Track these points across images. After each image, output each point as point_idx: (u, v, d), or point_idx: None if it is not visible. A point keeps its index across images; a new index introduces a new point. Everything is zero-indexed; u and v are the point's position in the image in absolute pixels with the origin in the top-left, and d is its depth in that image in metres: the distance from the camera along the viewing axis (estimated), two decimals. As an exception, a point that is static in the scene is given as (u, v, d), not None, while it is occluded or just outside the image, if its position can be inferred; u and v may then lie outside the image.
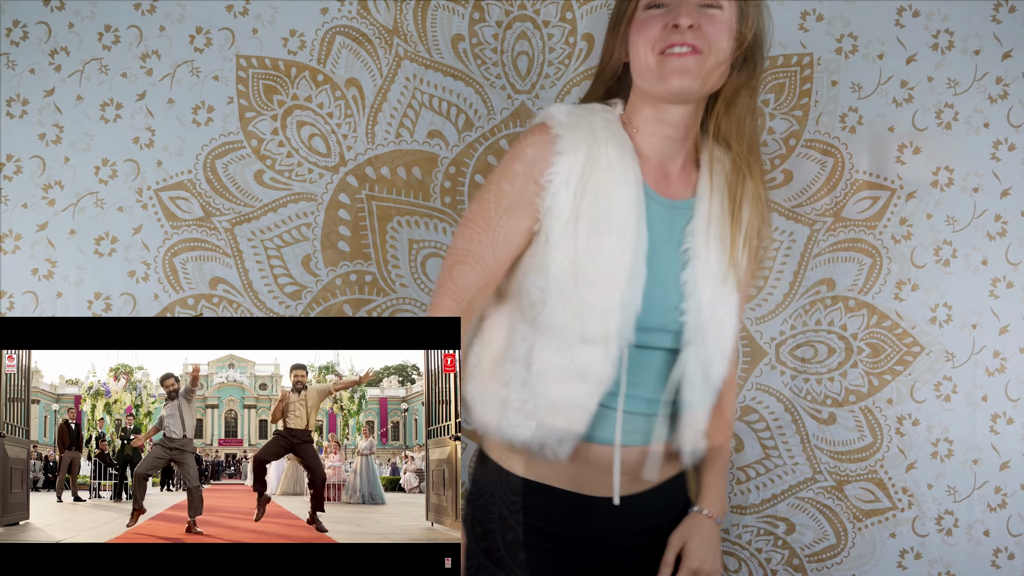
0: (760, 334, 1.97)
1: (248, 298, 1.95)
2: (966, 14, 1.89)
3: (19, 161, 1.91)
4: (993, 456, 1.98)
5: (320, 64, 1.91)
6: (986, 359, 1.97)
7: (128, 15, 1.89)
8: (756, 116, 1.29)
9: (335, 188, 1.94)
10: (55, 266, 1.93)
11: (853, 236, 1.94)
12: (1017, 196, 1.94)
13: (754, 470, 2.00)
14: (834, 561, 2.01)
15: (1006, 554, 2.00)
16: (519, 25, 1.91)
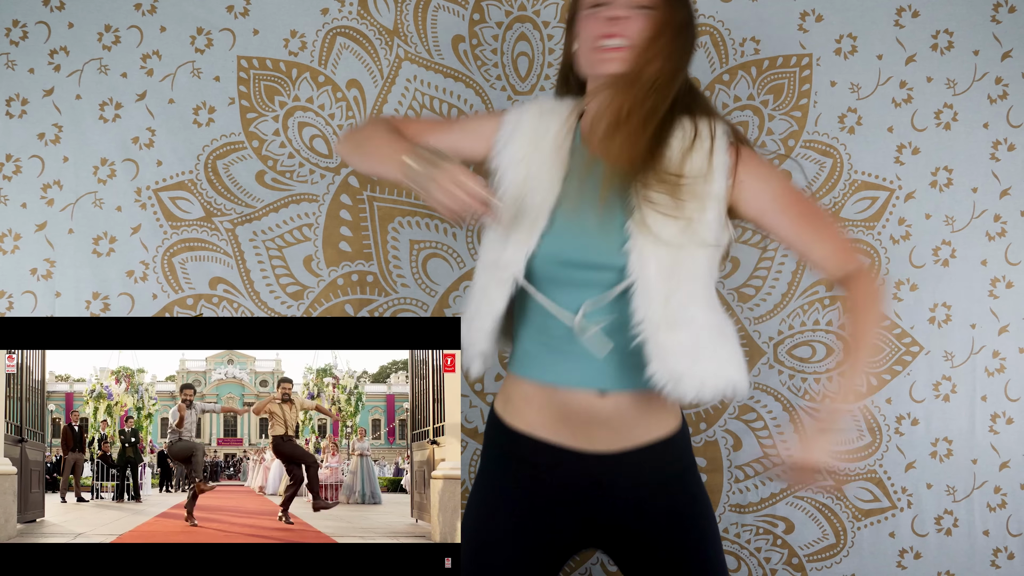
0: (758, 334, 1.98)
1: (249, 298, 1.95)
2: (966, 14, 1.90)
3: (18, 161, 1.91)
4: (993, 456, 1.99)
5: (321, 65, 1.91)
6: (985, 359, 1.97)
7: (128, 15, 1.89)
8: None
9: (336, 189, 1.93)
10: (54, 266, 1.92)
11: (852, 236, 1.95)
12: (1017, 196, 1.94)
13: (752, 469, 2.01)
14: (834, 560, 2.01)
15: (1006, 554, 2.00)
16: (519, 26, 1.91)
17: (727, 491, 2.01)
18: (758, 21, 1.90)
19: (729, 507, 2.02)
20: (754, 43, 1.90)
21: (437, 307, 1.96)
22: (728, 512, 2.02)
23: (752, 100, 1.92)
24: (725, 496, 2.01)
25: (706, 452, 2.00)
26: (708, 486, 2.01)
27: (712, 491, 2.01)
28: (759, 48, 1.90)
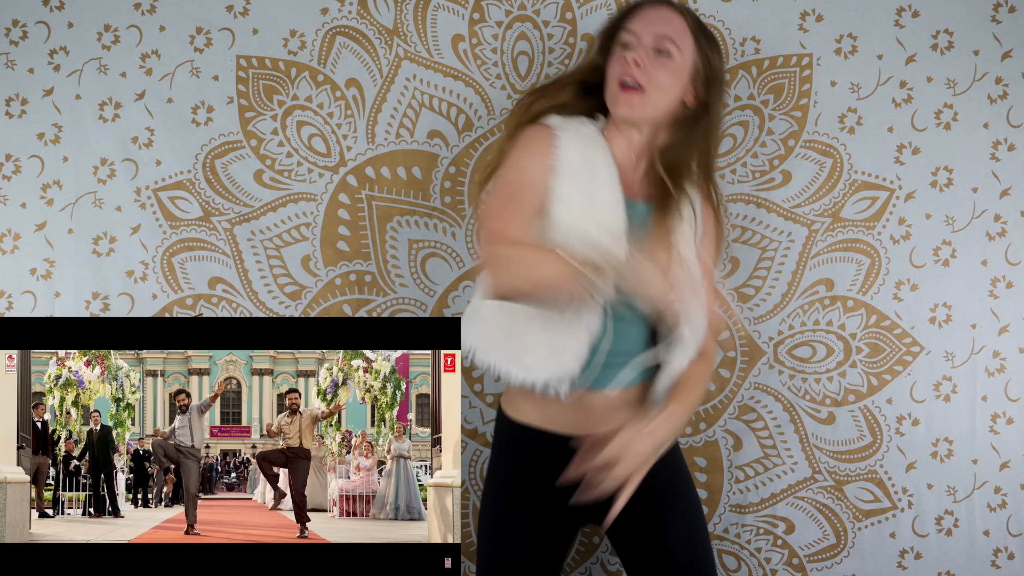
0: (758, 334, 1.98)
1: (248, 298, 1.94)
2: (966, 14, 1.89)
3: (18, 160, 1.91)
4: (993, 456, 1.99)
5: (320, 64, 1.91)
6: (986, 359, 1.97)
7: (128, 15, 1.89)
8: (710, 146, 1.55)
9: (335, 188, 1.93)
10: (53, 266, 1.92)
11: (852, 236, 1.95)
12: (1017, 196, 1.94)
13: (752, 469, 2.00)
14: (834, 561, 2.01)
15: (1006, 554, 2.00)
16: (519, 25, 1.91)
17: (727, 491, 2.01)
18: (758, 21, 1.89)
19: (729, 507, 2.01)
20: (754, 43, 1.90)
21: (436, 307, 1.96)
22: (728, 512, 2.01)
23: (752, 100, 1.92)
24: (725, 496, 2.01)
25: (706, 452, 2.00)
26: (708, 486, 2.01)
27: (712, 491, 2.01)
28: (759, 48, 1.90)
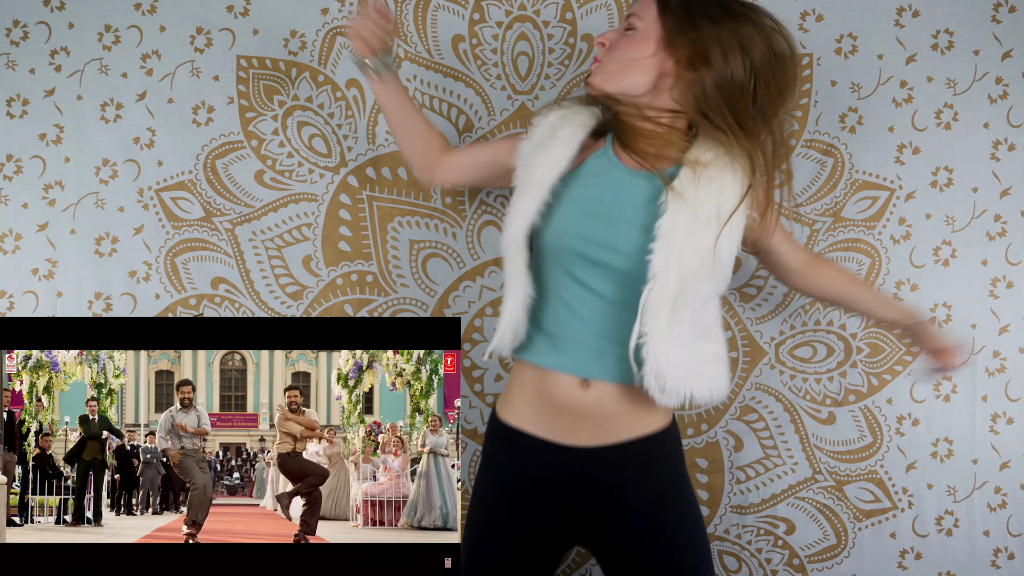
0: (760, 334, 1.98)
1: (250, 298, 1.95)
2: (966, 14, 1.89)
3: (19, 161, 1.91)
4: (993, 456, 1.99)
5: (321, 64, 1.91)
6: (986, 359, 1.97)
7: (128, 15, 1.89)
8: (732, 103, 1.41)
9: (336, 188, 1.94)
10: (55, 266, 1.93)
11: (852, 236, 1.95)
12: (1017, 196, 1.94)
13: (753, 470, 2.00)
14: (834, 561, 2.01)
15: (1006, 554, 2.00)
16: (519, 25, 1.91)
17: (728, 492, 2.01)
18: (758, 21, 1.89)
19: (730, 508, 2.01)
20: (754, 43, 1.90)
21: (437, 307, 1.96)
22: (729, 513, 2.02)
23: (752, 100, 1.92)
24: (726, 497, 2.01)
25: (707, 453, 2.00)
26: (709, 487, 2.01)
27: (713, 492, 2.01)
28: (759, 48, 1.90)
